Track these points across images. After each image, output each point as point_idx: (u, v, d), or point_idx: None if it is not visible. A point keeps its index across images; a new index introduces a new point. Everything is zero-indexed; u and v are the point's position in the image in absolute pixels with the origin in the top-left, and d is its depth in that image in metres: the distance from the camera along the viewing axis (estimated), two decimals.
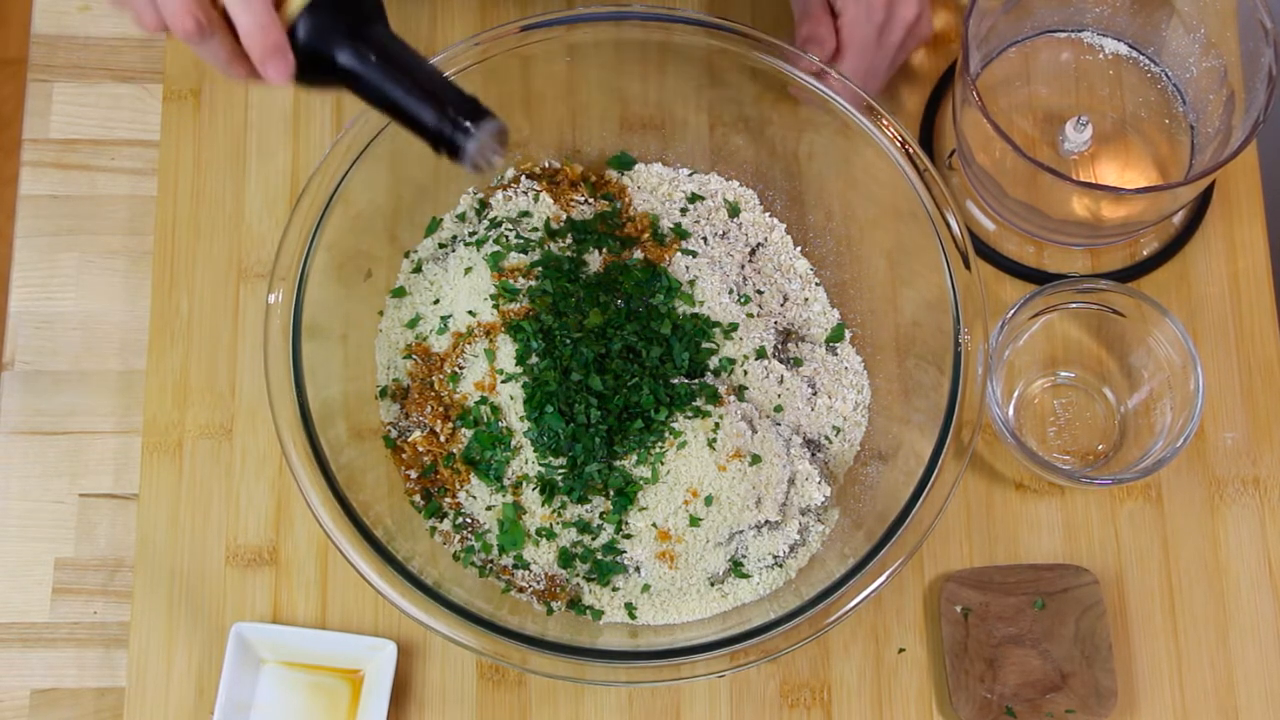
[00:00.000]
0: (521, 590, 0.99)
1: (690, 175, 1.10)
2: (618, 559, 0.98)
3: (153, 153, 1.13)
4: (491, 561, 0.99)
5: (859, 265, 1.07)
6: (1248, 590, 1.06)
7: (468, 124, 0.78)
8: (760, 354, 1.02)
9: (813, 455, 1.02)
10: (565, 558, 0.98)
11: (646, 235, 1.04)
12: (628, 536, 0.97)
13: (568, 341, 0.98)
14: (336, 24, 0.78)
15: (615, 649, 0.95)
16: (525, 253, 1.01)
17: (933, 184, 0.98)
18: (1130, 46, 1.12)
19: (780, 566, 1.00)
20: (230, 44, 0.80)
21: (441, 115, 0.78)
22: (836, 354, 1.06)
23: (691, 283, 1.02)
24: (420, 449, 1.01)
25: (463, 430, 1.00)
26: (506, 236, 1.03)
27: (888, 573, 0.92)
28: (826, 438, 1.04)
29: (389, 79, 0.78)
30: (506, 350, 0.99)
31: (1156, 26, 1.10)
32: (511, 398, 0.98)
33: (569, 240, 1.03)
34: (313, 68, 0.79)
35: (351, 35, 0.78)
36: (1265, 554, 1.06)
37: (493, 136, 0.79)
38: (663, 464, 0.96)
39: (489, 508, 0.99)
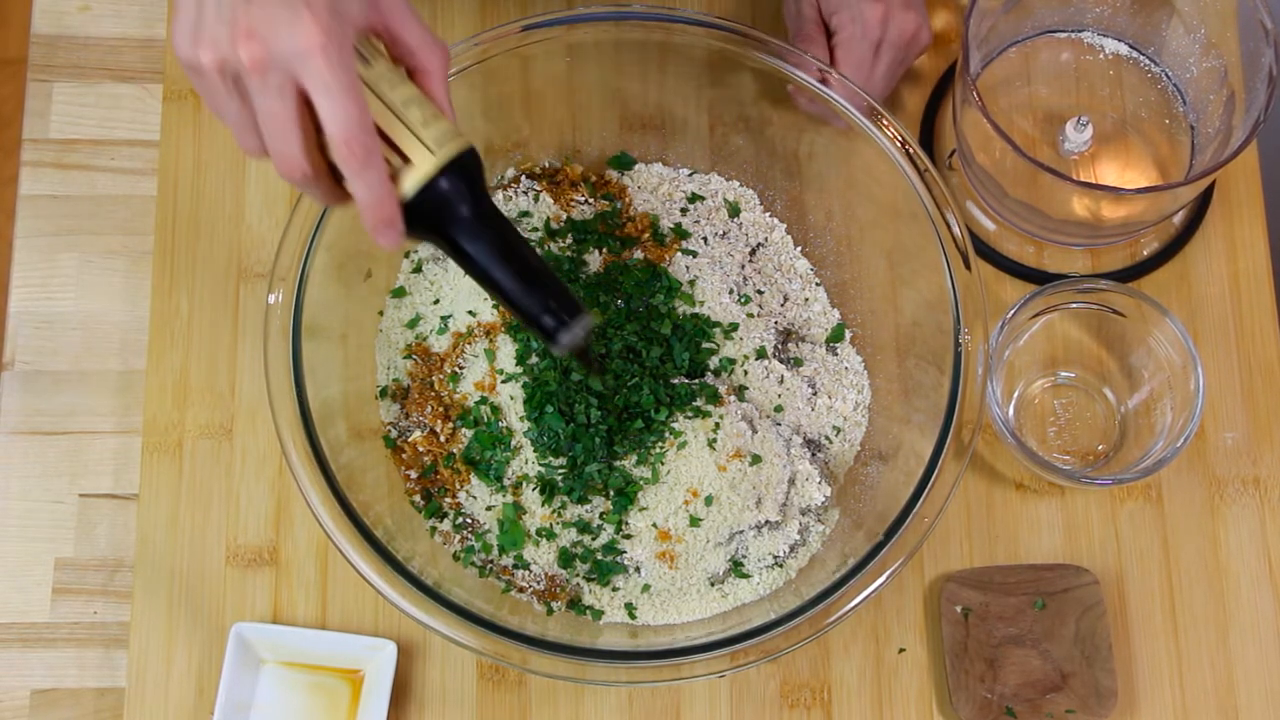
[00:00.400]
0: (521, 590, 0.99)
1: (690, 175, 1.10)
2: (618, 559, 0.98)
3: (153, 153, 1.13)
4: (491, 561, 0.99)
5: (859, 265, 1.07)
6: (1248, 590, 1.06)
7: (566, 319, 0.80)
8: (760, 354, 1.02)
9: (813, 455, 1.02)
10: (565, 558, 0.98)
11: (646, 235, 1.04)
12: (628, 536, 0.97)
13: None
14: (449, 205, 0.79)
15: (615, 649, 0.95)
16: None
17: (933, 184, 0.98)
18: (1130, 46, 1.12)
19: (780, 566, 1.00)
20: (332, 189, 0.79)
21: (545, 308, 0.80)
22: (836, 354, 1.06)
23: (691, 283, 1.02)
24: (420, 449, 1.01)
25: (463, 430, 1.00)
26: None
27: (888, 573, 0.92)
28: (826, 438, 1.04)
29: (495, 264, 0.80)
30: (506, 350, 0.99)
31: (1156, 26, 1.10)
32: (511, 398, 0.98)
33: (569, 240, 1.03)
34: (421, 233, 0.80)
35: (462, 217, 0.79)
36: (1265, 554, 1.06)
37: (583, 331, 0.81)
38: (663, 464, 0.96)
39: (489, 508, 0.99)
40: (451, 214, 0.79)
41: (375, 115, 0.77)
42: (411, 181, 0.78)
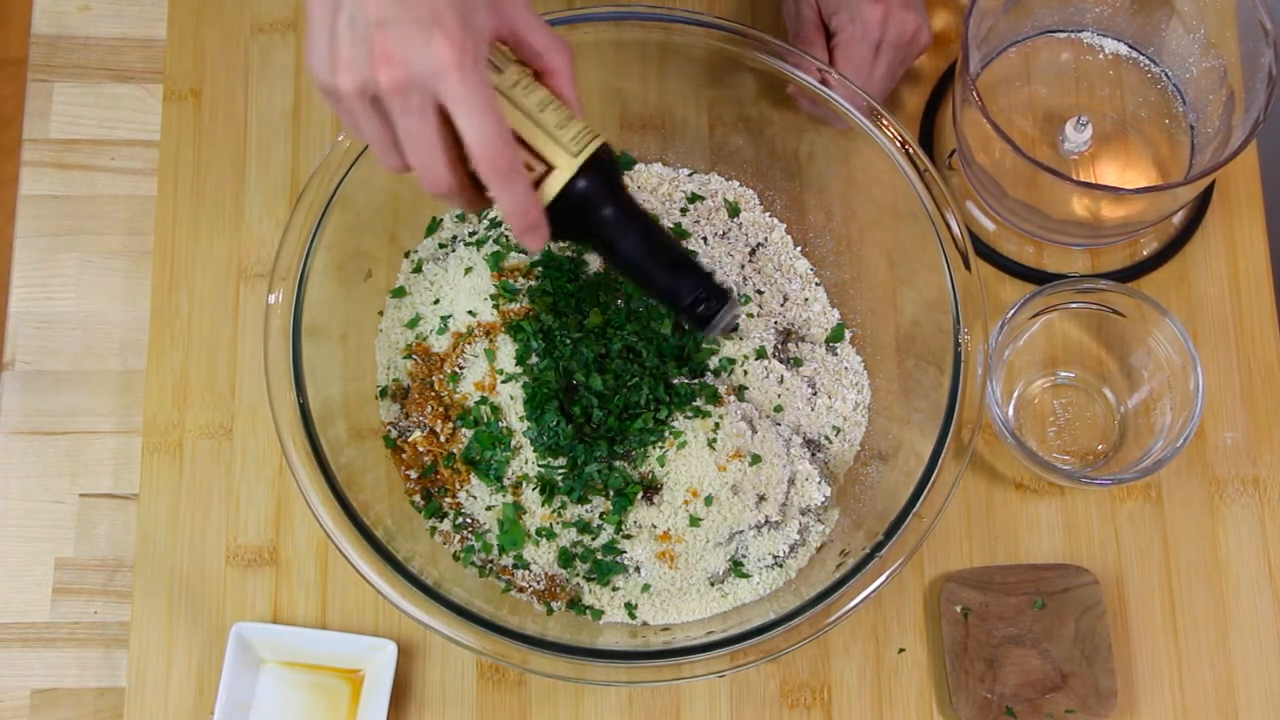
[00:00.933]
0: (521, 590, 0.99)
1: (690, 175, 1.10)
2: (618, 559, 0.98)
3: (153, 153, 1.13)
4: (491, 561, 1.00)
5: (859, 265, 1.07)
6: (1248, 590, 1.06)
7: (717, 305, 0.83)
8: (760, 354, 1.02)
9: (813, 455, 1.02)
10: (565, 558, 0.98)
11: None
12: (628, 536, 0.97)
13: (568, 341, 0.98)
14: (591, 204, 0.81)
15: (615, 649, 0.95)
16: (525, 252, 1.01)
17: (933, 184, 0.98)
18: (1130, 46, 1.12)
19: (780, 566, 1.00)
20: (475, 197, 0.81)
21: (695, 298, 0.83)
22: (836, 354, 1.06)
23: None
24: (420, 449, 1.01)
25: (463, 430, 1.00)
26: (506, 236, 1.03)
27: (888, 573, 0.92)
28: (826, 438, 1.04)
29: (643, 258, 0.83)
30: (506, 350, 0.99)
31: (1156, 26, 1.10)
32: (511, 398, 0.98)
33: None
34: (567, 232, 0.83)
35: (605, 215, 0.82)
36: (1265, 554, 1.06)
37: (731, 314, 0.84)
38: (663, 464, 0.96)
39: (489, 508, 0.99)
40: (595, 212, 0.81)
41: (513, 123, 0.79)
42: (554, 186, 0.80)
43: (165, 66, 1.15)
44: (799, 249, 1.09)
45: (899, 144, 0.99)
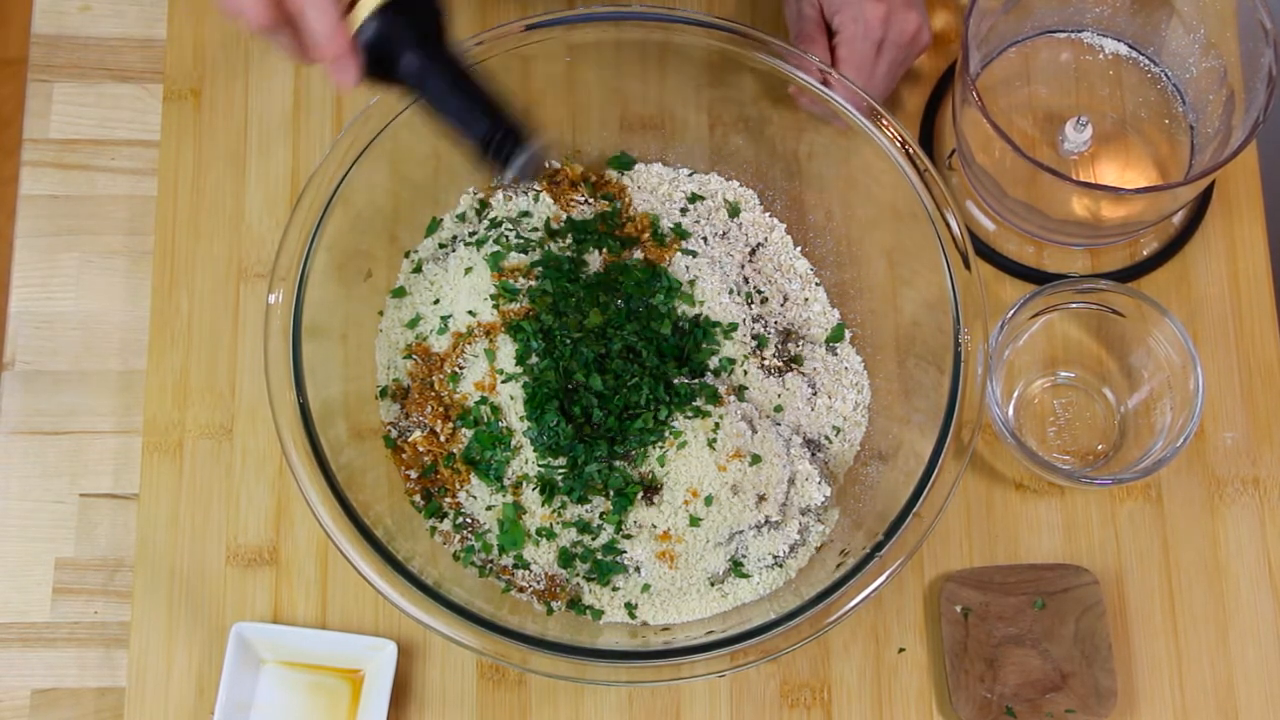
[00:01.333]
0: (521, 590, 0.99)
1: (690, 175, 1.10)
2: (618, 559, 0.98)
3: (153, 153, 1.13)
4: (491, 561, 1.00)
5: (859, 265, 1.07)
6: (1248, 590, 1.06)
7: (513, 144, 0.83)
8: (759, 351, 1.03)
9: (813, 455, 1.02)
10: (565, 558, 0.98)
11: (646, 235, 1.04)
12: (628, 536, 0.97)
13: (568, 341, 0.98)
14: (400, 33, 0.82)
15: (615, 649, 0.95)
16: (525, 253, 1.01)
17: (933, 184, 0.98)
18: (1130, 46, 1.12)
19: (780, 566, 1.00)
20: (297, 41, 0.83)
21: (492, 134, 0.83)
22: (836, 354, 1.06)
23: (691, 283, 1.02)
24: (420, 449, 1.01)
25: (463, 430, 1.00)
26: (506, 236, 1.03)
27: (888, 573, 0.92)
28: (826, 438, 1.04)
29: (447, 91, 0.83)
30: (506, 350, 0.99)
31: (1156, 26, 1.10)
32: (511, 398, 0.98)
33: (569, 240, 1.03)
34: (377, 70, 0.83)
35: (414, 46, 0.82)
36: (1265, 554, 1.06)
37: (534, 158, 0.84)
38: (663, 464, 0.96)
39: (489, 508, 0.99)
40: (401, 45, 0.82)
41: None
42: (362, 10, 0.81)
43: (165, 66, 1.15)
44: (799, 249, 1.09)
45: (899, 144, 0.99)
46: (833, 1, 1.04)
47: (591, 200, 1.07)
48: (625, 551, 0.97)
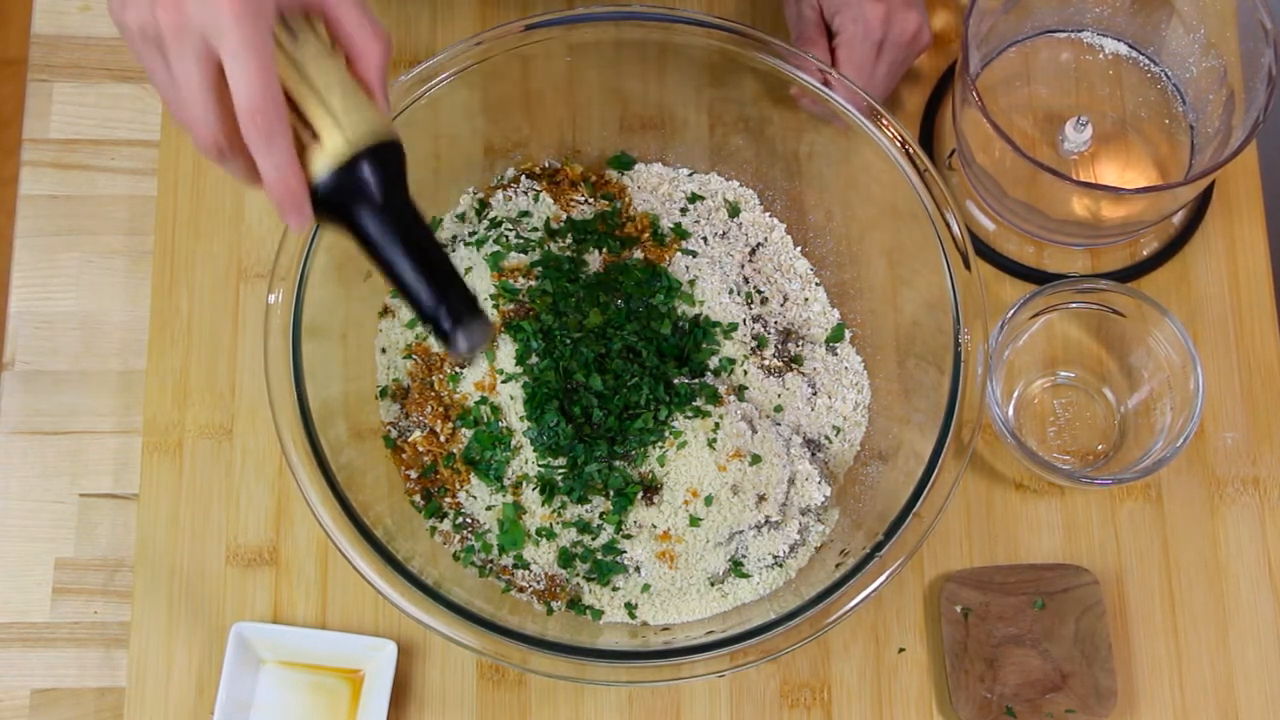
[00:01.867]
0: (521, 590, 0.99)
1: (690, 175, 1.10)
2: (618, 559, 0.98)
3: (153, 153, 1.13)
4: (491, 561, 0.99)
5: (859, 265, 1.07)
6: (1248, 590, 1.06)
7: (460, 318, 0.79)
8: (759, 351, 1.03)
9: (813, 455, 1.02)
10: (565, 558, 0.98)
11: (646, 235, 1.04)
12: (628, 536, 0.97)
13: (568, 341, 0.98)
14: (357, 190, 0.77)
15: (615, 649, 0.95)
16: (525, 253, 1.01)
17: (933, 184, 0.98)
18: (1130, 46, 1.12)
19: (780, 566, 1.00)
20: (249, 168, 0.78)
21: (438, 304, 0.78)
22: (836, 354, 1.06)
23: (691, 283, 1.02)
24: (420, 449, 1.01)
25: (463, 430, 1.00)
26: (506, 236, 1.03)
27: (888, 573, 0.92)
28: (826, 438, 1.04)
29: (397, 257, 0.78)
30: (506, 350, 0.99)
31: (1156, 26, 1.10)
32: (511, 398, 0.98)
33: (569, 240, 1.03)
34: (330, 215, 0.79)
35: (371, 205, 0.78)
36: (1265, 554, 1.06)
37: (481, 335, 0.79)
38: (663, 464, 0.96)
39: (489, 508, 0.99)
40: (360, 202, 0.77)
41: (294, 91, 0.76)
42: (321, 163, 0.77)
43: None
44: (799, 249, 1.09)
45: (899, 144, 0.99)
46: (833, 2, 1.04)
47: (591, 200, 1.07)
48: (625, 551, 0.97)
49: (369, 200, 0.77)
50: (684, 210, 1.08)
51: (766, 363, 1.03)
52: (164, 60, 0.75)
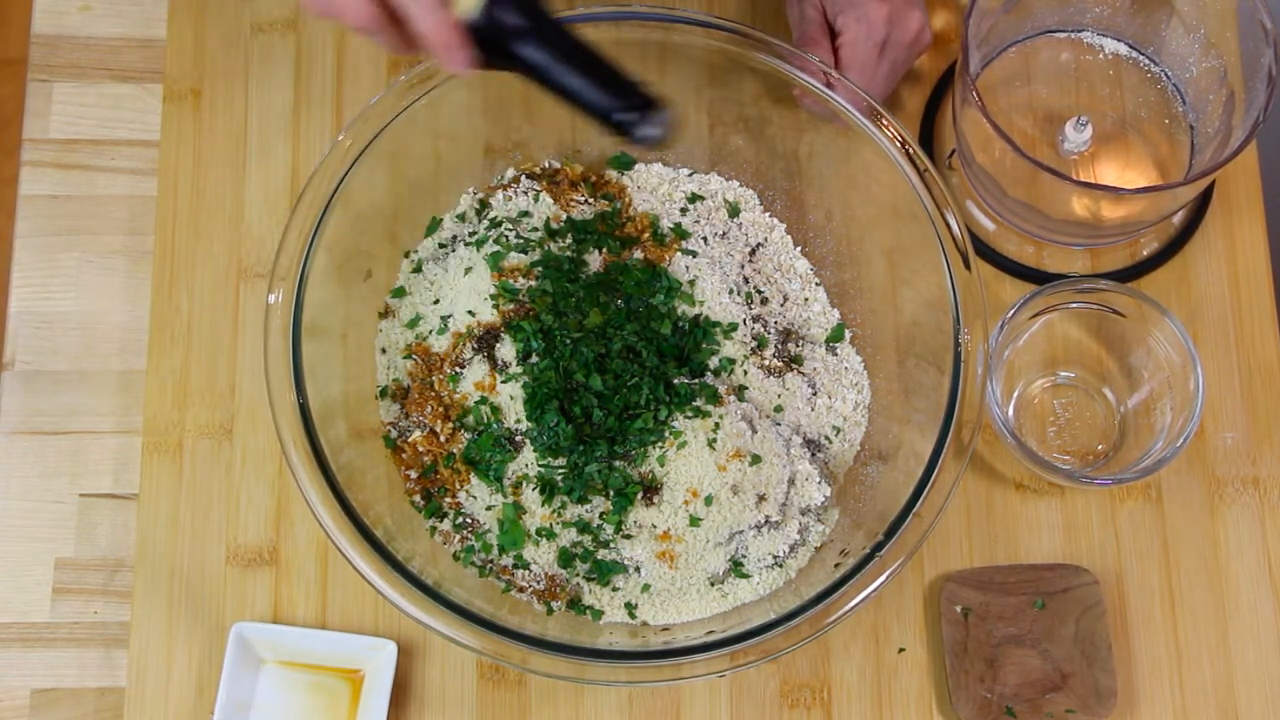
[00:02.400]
0: (521, 590, 0.99)
1: (690, 175, 1.10)
2: (618, 559, 0.98)
3: (153, 153, 1.13)
4: (491, 561, 1.00)
5: (859, 265, 1.07)
6: (1248, 590, 1.06)
7: (643, 111, 0.83)
8: (758, 351, 1.03)
9: (813, 455, 1.02)
10: (565, 558, 0.98)
11: (646, 235, 1.04)
12: (628, 536, 0.97)
13: (568, 341, 0.98)
14: (510, 17, 0.82)
15: (615, 649, 0.95)
16: (525, 253, 1.01)
17: (933, 184, 0.98)
18: (1130, 46, 1.12)
19: (780, 566, 1.00)
20: (400, 36, 0.82)
21: (618, 103, 0.83)
22: (836, 354, 1.06)
23: (691, 283, 1.02)
24: (420, 449, 1.01)
25: (463, 430, 0.99)
26: (506, 236, 1.03)
27: (888, 573, 0.92)
28: (826, 438, 1.04)
29: (563, 70, 0.83)
30: (507, 350, 0.99)
31: (1156, 26, 1.10)
32: (511, 398, 0.98)
33: (569, 240, 1.03)
34: (488, 52, 0.83)
35: (525, 27, 0.82)
36: (1265, 554, 1.06)
37: (664, 123, 0.83)
38: (663, 464, 0.96)
39: (489, 508, 0.99)
40: (512, 28, 0.81)
41: None
42: (466, 3, 0.81)
43: (165, 66, 1.15)
44: (799, 249, 1.09)
45: (899, 144, 0.99)
46: (836, 2, 1.04)
47: (591, 200, 1.07)
48: (625, 551, 0.97)
49: (520, 23, 0.82)
50: (684, 210, 1.08)
51: (766, 363, 1.03)
52: None
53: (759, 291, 1.06)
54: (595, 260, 1.02)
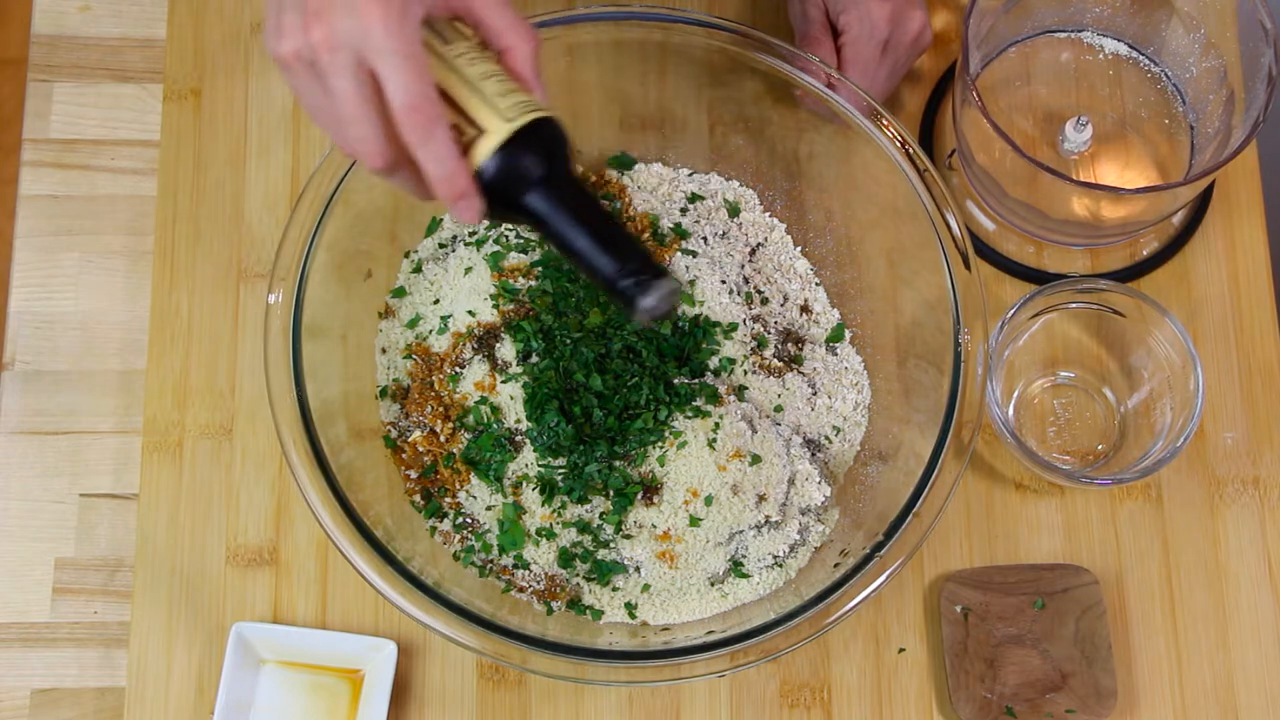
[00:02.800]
0: (521, 590, 0.99)
1: (690, 175, 1.10)
2: (618, 559, 0.98)
3: (153, 153, 1.13)
4: (491, 561, 1.00)
5: (859, 265, 1.07)
6: (1248, 590, 1.06)
7: (646, 281, 0.78)
8: (759, 351, 1.03)
9: (813, 455, 1.02)
10: (565, 558, 0.98)
11: (646, 235, 1.04)
12: (628, 536, 0.97)
13: (568, 341, 0.98)
14: (522, 171, 0.78)
15: (615, 649, 0.95)
16: (525, 252, 1.01)
17: (933, 184, 0.98)
18: (1130, 46, 1.12)
19: (780, 566, 1.00)
20: (418, 177, 0.79)
21: (621, 270, 0.78)
22: (836, 354, 1.06)
23: (692, 283, 1.02)
24: (420, 449, 1.01)
25: (463, 430, 0.99)
26: (506, 236, 1.03)
27: (888, 573, 0.92)
28: (826, 438, 1.04)
29: (573, 227, 0.79)
30: (507, 350, 0.99)
31: (1156, 26, 1.10)
32: (511, 398, 0.98)
33: None
34: (501, 206, 0.79)
35: (537, 182, 0.78)
36: (1265, 554, 1.06)
37: (668, 296, 0.79)
38: (663, 464, 0.96)
39: (489, 508, 0.99)
40: (526, 181, 0.78)
41: (450, 89, 0.77)
42: (483, 149, 0.77)
43: (165, 66, 1.15)
44: (799, 249, 1.09)
45: (899, 144, 0.99)
46: (838, 1, 1.04)
47: None
48: (625, 551, 0.97)
49: (534, 177, 0.78)
50: (684, 210, 1.08)
51: (766, 363, 1.03)
52: (321, 84, 0.76)
53: (759, 291, 1.06)
54: None
